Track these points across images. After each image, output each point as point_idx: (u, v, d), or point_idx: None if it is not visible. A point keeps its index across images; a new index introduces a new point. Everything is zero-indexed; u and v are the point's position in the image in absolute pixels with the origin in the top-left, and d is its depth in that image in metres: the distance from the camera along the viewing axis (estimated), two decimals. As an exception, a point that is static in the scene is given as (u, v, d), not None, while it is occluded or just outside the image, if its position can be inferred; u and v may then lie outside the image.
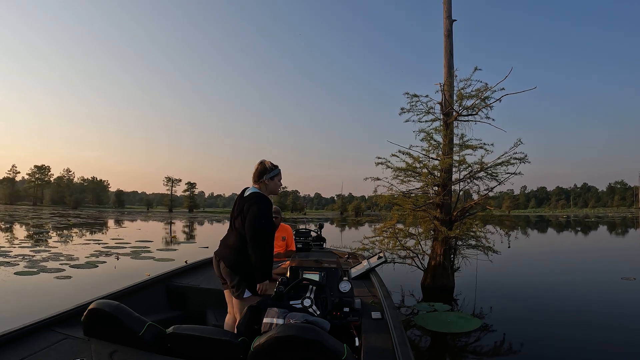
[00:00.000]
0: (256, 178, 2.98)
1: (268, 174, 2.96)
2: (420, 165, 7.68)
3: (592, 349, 4.43)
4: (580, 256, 13.29)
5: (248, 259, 2.83)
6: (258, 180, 2.98)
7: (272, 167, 3.00)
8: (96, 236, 17.78)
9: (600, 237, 22.51)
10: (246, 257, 2.84)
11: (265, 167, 2.97)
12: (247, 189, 3.02)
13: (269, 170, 2.97)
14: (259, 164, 3.00)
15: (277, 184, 3.04)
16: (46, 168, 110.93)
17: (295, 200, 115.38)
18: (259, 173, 2.97)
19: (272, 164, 3.01)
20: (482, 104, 7.49)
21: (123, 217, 46.10)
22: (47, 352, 2.12)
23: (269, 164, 3.00)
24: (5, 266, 8.67)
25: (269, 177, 2.96)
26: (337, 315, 2.68)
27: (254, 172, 3.01)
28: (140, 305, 2.92)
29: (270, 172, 2.97)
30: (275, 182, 3.01)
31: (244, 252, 2.84)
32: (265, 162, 3.00)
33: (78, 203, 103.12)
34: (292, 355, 1.83)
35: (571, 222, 41.03)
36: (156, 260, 10.27)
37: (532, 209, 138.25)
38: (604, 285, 8.03)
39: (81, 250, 12.01)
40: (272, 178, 2.98)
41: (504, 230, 7.94)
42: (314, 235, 6.79)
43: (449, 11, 8.26)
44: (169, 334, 2.15)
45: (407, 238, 7.70)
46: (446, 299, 6.50)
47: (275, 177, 3.00)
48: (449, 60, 8.14)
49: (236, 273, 2.83)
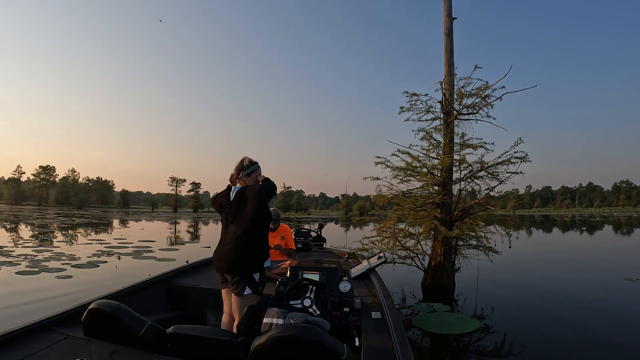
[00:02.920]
0: (236, 176, 3.07)
1: (244, 171, 3.03)
2: (420, 165, 7.64)
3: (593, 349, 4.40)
4: (583, 256, 13.20)
5: (248, 256, 2.87)
6: (237, 178, 3.06)
7: (250, 164, 3.05)
8: (99, 236, 17.85)
9: (605, 237, 22.38)
10: (246, 255, 2.87)
11: (242, 165, 3.05)
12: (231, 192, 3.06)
13: (246, 167, 3.04)
14: (239, 162, 3.07)
15: (256, 180, 3.07)
16: (51, 168, 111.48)
17: (299, 200, 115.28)
18: (237, 171, 3.05)
19: (251, 162, 3.06)
20: (482, 102, 7.46)
21: (127, 217, 46.27)
22: (47, 352, 2.13)
23: (247, 162, 3.05)
24: (7, 266, 8.72)
25: (245, 174, 3.03)
26: (337, 315, 2.69)
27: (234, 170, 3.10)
28: (140, 305, 2.94)
29: (246, 169, 3.03)
30: (253, 179, 3.05)
31: (243, 249, 2.87)
32: (244, 160, 3.07)
33: (83, 203, 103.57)
34: (292, 355, 1.84)
35: (576, 222, 40.87)
36: (157, 260, 10.29)
37: (537, 208, 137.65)
38: (607, 285, 7.96)
39: (83, 250, 12.06)
40: (249, 175, 3.03)
41: (504, 230, 7.90)
42: (314, 235, 6.80)
43: (449, 9, 8.23)
44: (169, 334, 2.16)
45: (407, 238, 7.67)
46: (446, 299, 6.47)
47: (253, 173, 3.05)
48: (449, 59, 8.10)
49: (237, 270, 2.85)
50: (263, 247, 2.98)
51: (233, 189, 3.05)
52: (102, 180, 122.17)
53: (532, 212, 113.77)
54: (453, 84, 7.89)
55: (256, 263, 2.90)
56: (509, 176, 7.33)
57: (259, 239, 2.96)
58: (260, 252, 2.94)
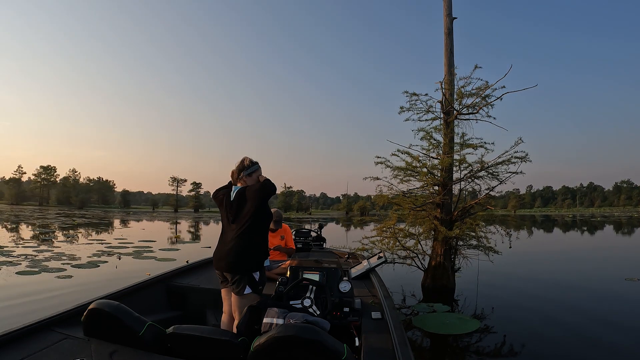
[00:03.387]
0: (236, 176, 3.07)
1: (245, 171, 3.03)
2: (420, 165, 7.63)
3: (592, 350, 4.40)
4: (584, 256, 13.17)
5: (248, 255, 2.87)
6: (237, 178, 3.06)
7: (250, 164, 3.05)
8: (100, 236, 17.86)
9: (605, 237, 22.34)
10: (246, 254, 2.87)
11: (243, 165, 3.05)
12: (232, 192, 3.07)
13: (247, 167, 3.04)
14: (240, 162, 3.07)
15: (257, 180, 3.07)
16: (52, 168, 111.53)
17: (300, 200, 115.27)
18: (238, 171, 3.05)
19: (251, 161, 3.07)
20: (482, 102, 7.44)
21: (128, 217, 46.29)
22: (47, 352, 2.13)
23: (248, 162, 3.06)
24: (7, 266, 8.74)
25: (246, 174, 3.03)
26: (337, 315, 2.68)
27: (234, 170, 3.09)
28: (140, 305, 2.94)
29: (247, 169, 3.04)
30: (254, 179, 3.05)
31: (243, 249, 2.87)
32: (244, 160, 3.07)
33: (84, 203, 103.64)
34: (292, 355, 1.84)
35: (577, 222, 40.79)
36: (158, 260, 10.30)
37: (537, 208, 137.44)
38: (607, 286, 7.94)
39: (84, 250, 12.08)
40: (249, 175, 3.04)
41: (505, 230, 7.88)
42: (314, 235, 6.79)
43: (449, 9, 8.22)
44: (169, 334, 2.16)
45: (407, 238, 7.65)
46: (446, 299, 6.46)
47: (254, 173, 3.05)
48: (449, 59, 8.09)
49: (237, 269, 2.85)
50: (263, 246, 2.99)
51: (234, 189, 3.05)
52: (103, 180, 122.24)
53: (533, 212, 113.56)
54: (453, 83, 7.87)
55: (256, 262, 2.90)
56: (509, 176, 7.32)
57: (259, 238, 2.96)
58: (260, 252, 2.95)
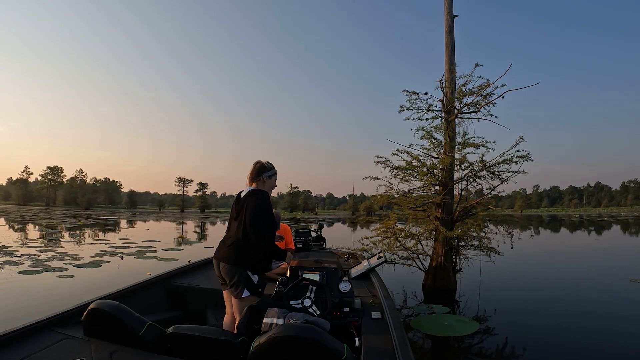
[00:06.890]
0: (254, 176, 3.04)
1: (267, 172, 3.05)
2: (420, 164, 7.58)
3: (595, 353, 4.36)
4: (589, 257, 13.05)
5: (247, 258, 2.86)
6: (256, 178, 3.04)
7: (270, 167, 3.09)
8: (105, 236, 17.95)
9: (612, 237, 22.13)
10: (245, 257, 2.86)
11: (263, 166, 3.06)
12: (242, 191, 3.07)
13: (268, 169, 3.06)
14: (257, 163, 3.07)
15: (274, 183, 3.13)
16: (59, 169, 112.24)
17: (307, 200, 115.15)
18: (258, 171, 3.04)
19: (270, 163, 3.09)
20: (483, 100, 7.39)
21: (134, 217, 46.49)
22: (47, 352, 2.14)
23: (267, 163, 3.09)
24: (10, 265, 8.83)
25: (267, 176, 3.05)
26: (337, 315, 2.68)
27: (250, 171, 3.07)
28: (140, 305, 2.94)
29: (269, 170, 3.06)
30: (273, 181, 3.10)
31: (243, 252, 2.86)
32: (263, 162, 3.08)
33: (90, 204, 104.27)
34: (292, 355, 1.84)
35: (584, 222, 40.48)
36: (160, 260, 10.34)
37: (544, 208, 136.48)
38: (612, 287, 7.85)
39: (87, 250, 12.15)
40: (270, 177, 3.07)
41: (506, 230, 7.82)
42: (314, 235, 6.78)
43: (450, 7, 8.18)
44: (169, 334, 2.16)
45: (408, 238, 7.61)
46: (447, 300, 6.41)
47: (273, 176, 3.09)
48: (450, 57, 8.05)
49: (235, 273, 2.84)
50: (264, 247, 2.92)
51: (247, 188, 3.05)
52: (109, 181, 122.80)
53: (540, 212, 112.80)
54: (454, 82, 7.82)
55: (251, 264, 2.87)
56: (511, 175, 7.27)
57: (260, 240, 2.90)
58: (259, 254, 2.91)
